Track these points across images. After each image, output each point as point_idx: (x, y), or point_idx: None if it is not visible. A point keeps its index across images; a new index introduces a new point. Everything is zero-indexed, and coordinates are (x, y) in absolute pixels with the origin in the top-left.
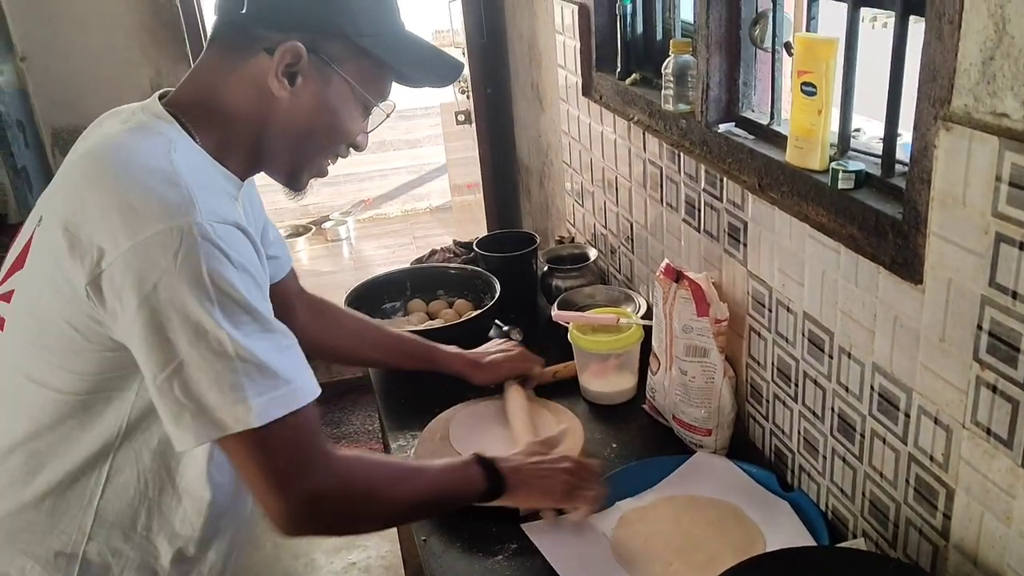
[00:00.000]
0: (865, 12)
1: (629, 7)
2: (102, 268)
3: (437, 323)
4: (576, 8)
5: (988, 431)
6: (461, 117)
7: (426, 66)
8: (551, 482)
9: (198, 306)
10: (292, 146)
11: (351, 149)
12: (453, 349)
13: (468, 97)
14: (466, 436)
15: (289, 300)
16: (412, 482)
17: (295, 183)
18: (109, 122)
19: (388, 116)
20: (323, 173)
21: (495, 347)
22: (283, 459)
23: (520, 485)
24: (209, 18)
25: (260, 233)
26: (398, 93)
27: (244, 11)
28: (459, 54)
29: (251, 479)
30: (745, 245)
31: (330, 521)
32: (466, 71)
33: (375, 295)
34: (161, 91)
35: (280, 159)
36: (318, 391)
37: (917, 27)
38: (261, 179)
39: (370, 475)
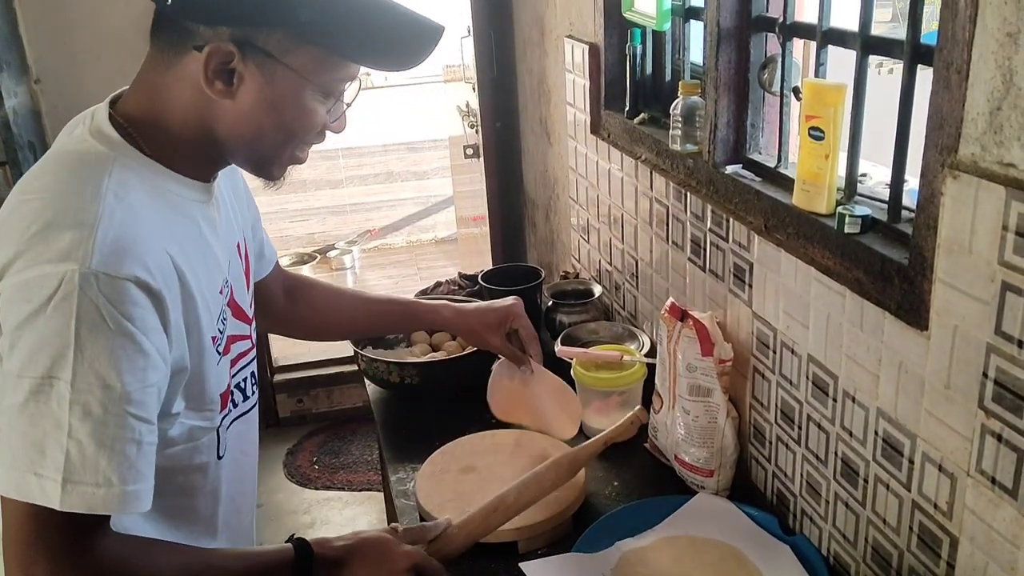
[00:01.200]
0: (872, 59)
1: (639, 48)
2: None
3: (440, 355)
4: (587, 47)
5: (993, 480)
6: (469, 151)
7: (385, 47)
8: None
9: (54, 360)
10: (246, 147)
11: (326, 133)
12: (432, 303)
13: (477, 131)
14: (467, 471)
15: (269, 293)
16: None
17: (266, 175)
18: (62, 138)
19: (360, 91)
20: (299, 161)
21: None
22: (50, 544)
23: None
24: None
25: (253, 224)
26: (410, 126)
27: (169, 2)
28: (469, 89)
29: (8, 542)
30: (750, 286)
31: None
32: (475, 105)
33: None
34: (113, 95)
35: (239, 157)
36: (147, 506)
37: (925, 74)
38: (270, 201)
39: (140, 565)
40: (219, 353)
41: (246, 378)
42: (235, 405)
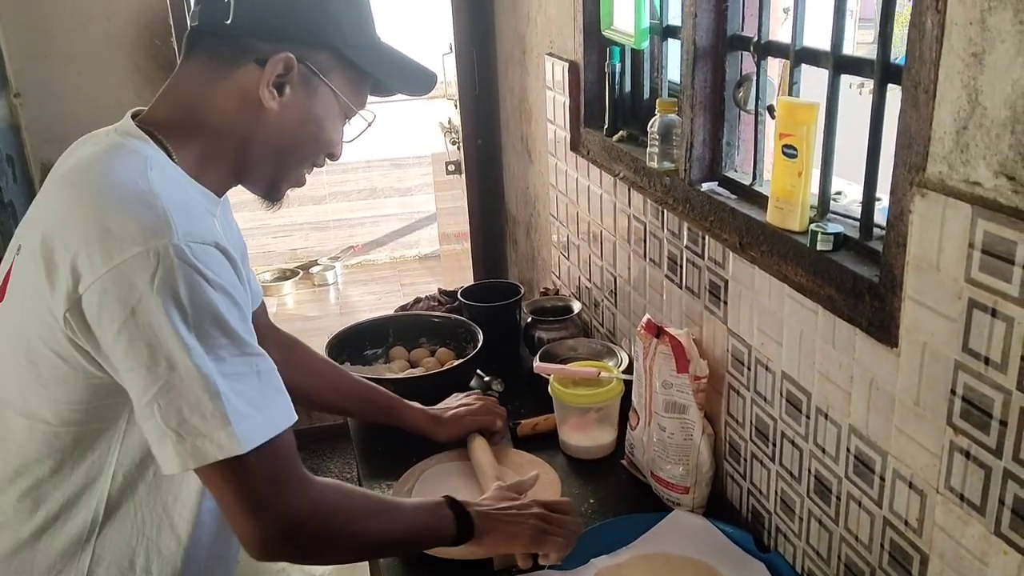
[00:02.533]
0: (853, 79)
1: (618, 66)
2: (80, 293)
3: (418, 371)
4: (566, 65)
5: (961, 497)
6: (451, 167)
7: (406, 75)
8: (519, 527)
9: (176, 330)
10: (276, 157)
11: (327, 158)
12: (416, 405)
13: (459, 148)
14: (439, 489)
15: (258, 332)
16: (386, 518)
17: (274, 194)
18: (84, 146)
19: (370, 125)
20: (301, 183)
21: (455, 402)
22: (261, 485)
23: (488, 531)
24: None
25: (241, 256)
26: (394, 142)
27: (230, 21)
28: (451, 106)
29: (227, 503)
30: (725, 303)
31: (303, 549)
32: (457, 122)
33: (357, 341)
34: (134, 110)
35: (262, 170)
36: (295, 417)
37: (896, 94)
38: (252, 220)
39: (346, 507)
40: None
41: None
42: None
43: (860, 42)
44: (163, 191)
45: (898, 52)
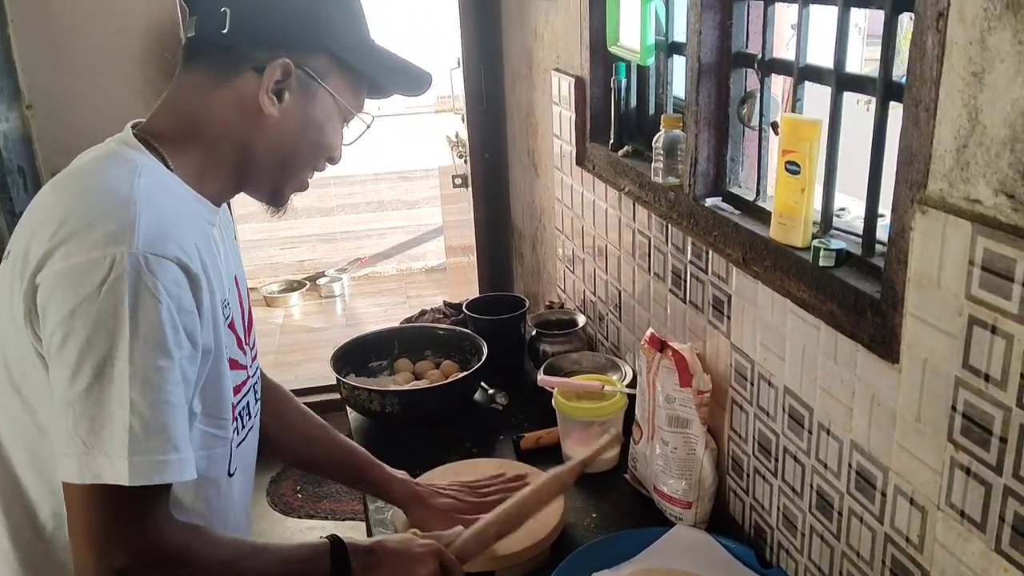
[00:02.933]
0: (860, 96)
1: (624, 82)
2: (36, 284)
3: (423, 383)
4: (573, 81)
5: (962, 513)
6: (458, 180)
7: (401, 76)
8: (409, 568)
9: (113, 339)
10: (278, 163)
11: (327, 162)
12: (401, 474)
13: (466, 161)
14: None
15: None
16: (250, 561)
17: (278, 200)
18: (81, 156)
19: (369, 127)
20: (304, 187)
21: (449, 487)
22: (121, 521)
23: (370, 569)
24: None
25: (234, 273)
26: (402, 155)
27: (226, 31)
28: (459, 120)
29: (81, 527)
30: (729, 318)
31: None
32: (464, 136)
33: (362, 353)
34: (134, 121)
35: (264, 177)
36: (193, 475)
37: (899, 112)
38: (260, 228)
39: (194, 554)
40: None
41: (248, 404)
42: (242, 424)
43: (868, 58)
44: (147, 198)
45: (902, 70)
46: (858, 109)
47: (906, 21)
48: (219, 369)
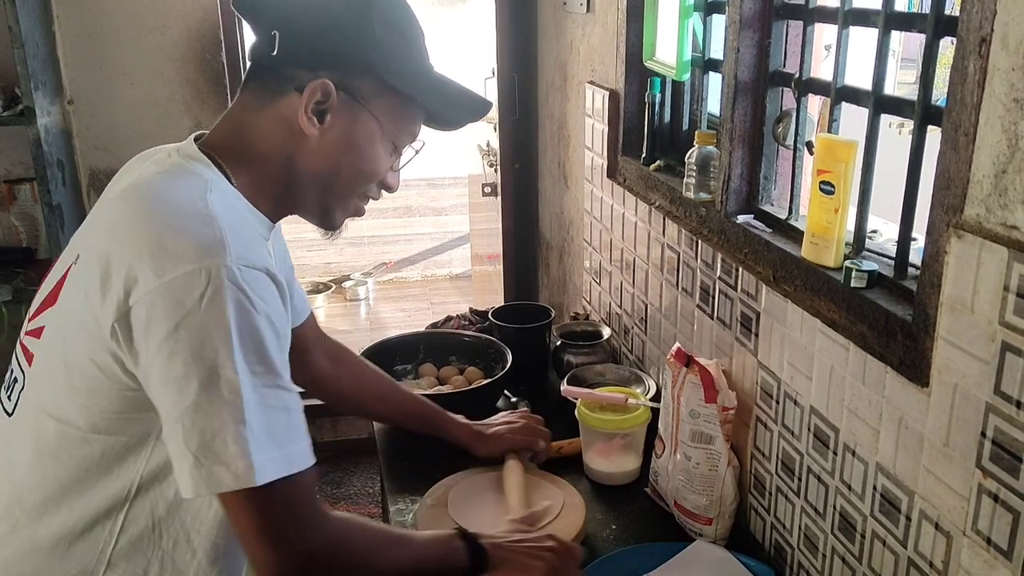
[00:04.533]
0: (893, 119)
1: (658, 96)
2: (129, 305)
3: (446, 388)
4: (607, 94)
5: (988, 540)
6: (487, 189)
7: (453, 103)
8: (534, 562)
9: (217, 350)
10: (321, 185)
11: (382, 190)
12: (460, 418)
13: (496, 170)
14: (466, 506)
15: (306, 345)
16: (399, 551)
17: (328, 222)
18: (143, 165)
19: (417, 153)
20: (359, 212)
21: (501, 419)
22: (278, 518)
23: (502, 563)
24: None
25: (288, 278)
26: (431, 161)
27: (275, 53)
28: (491, 129)
29: (243, 532)
30: (756, 335)
31: None
32: (496, 145)
33: (388, 356)
34: (196, 133)
35: (310, 198)
36: (313, 460)
37: (936, 136)
38: (290, 232)
39: (360, 540)
40: None
41: None
42: None
43: (901, 82)
44: (220, 213)
45: (939, 94)
46: (890, 132)
47: (945, 44)
48: None
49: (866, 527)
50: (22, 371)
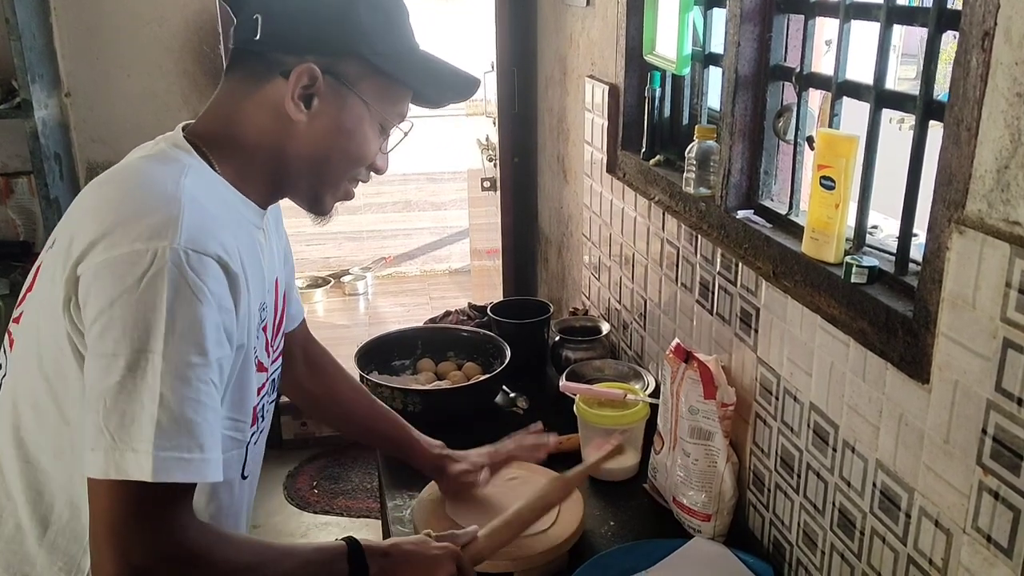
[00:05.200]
0: (893, 114)
1: (658, 91)
2: (77, 275)
3: (445, 384)
4: (607, 88)
5: (988, 538)
6: (487, 184)
7: (441, 83)
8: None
9: (149, 333)
10: (310, 170)
11: (371, 172)
12: (434, 447)
13: (495, 165)
14: (463, 501)
15: (291, 351)
16: (272, 567)
17: (318, 207)
18: (131, 154)
19: (406, 135)
20: (349, 196)
21: (476, 458)
22: (141, 518)
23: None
24: None
25: (286, 283)
26: (430, 156)
27: (258, 37)
28: (490, 123)
29: (102, 522)
30: (756, 331)
31: None
32: (495, 139)
33: (386, 351)
34: (184, 123)
35: (300, 184)
36: (220, 477)
37: (937, 131)
38: (291, 226)
39: (212, 556)
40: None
41: (264, 405)
42: (258, 427)
43: (902, 78)
44: (191, 197)
45: (940, 89)
46: (889, 127)
47: (947, 39)
48: (247, 371)
49: (865, 524)
50: (5, 356)
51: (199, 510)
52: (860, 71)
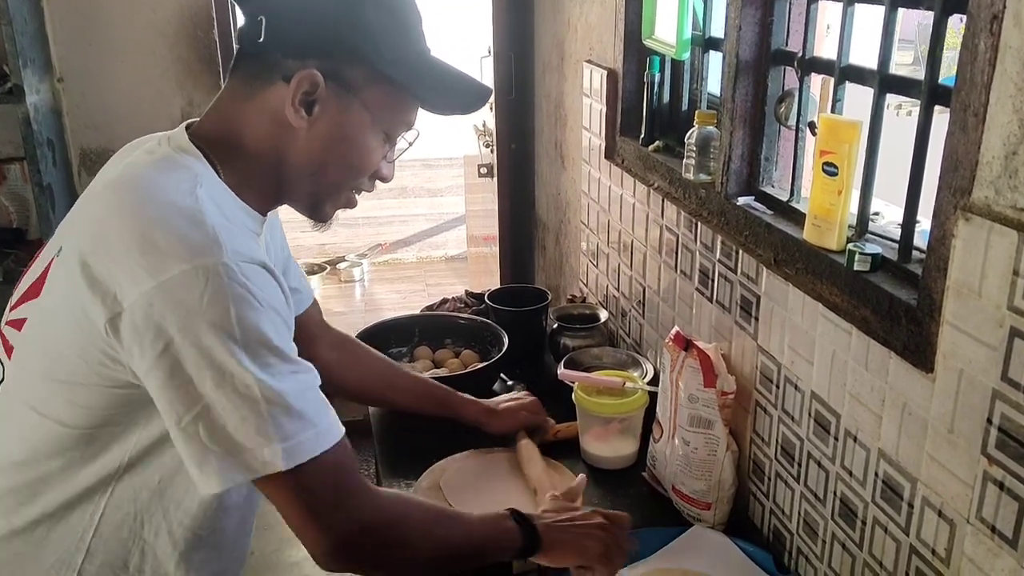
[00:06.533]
0: (891, 99)
1: (657, 76)
2: (123, 307)
3: (442, 372)
4: (605, 73)
5: (993, 529)
6: (483, 170)
7: (450, 92)
8: (587, 541)
9: (224, 348)
10: (310, 177)
11: (375, 181)
12: (470, 398)
13: (492, 151)
14: (460, 488)
15: (311, 332)
16: (451, 527)
17: (318, 215)
18: (133, 153)
19: (411, 145)
20: (351, 204)
21: (508, 397)
22: (321, 496)
23: (555, 544)
24: None
25: (283, 267)
26: (426, 142)
27: (262, 40)
28: (487, 109)
29: (289, 515)
30: (757, 319)
31: (370, 555)
32: (492, 125)
33: (383, 338)
34: (187, 121)
35: (299, 192)
36: (342, 431)
37: (941, 117)
38: (285, 212)
39: (409, 514)
40: None
41: None
42: None
43: (899, 63)
44: (211, 208)
45: (940, 73)
46: (888, 113)
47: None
48: None
49: (867, 514)
50: (1, 363)
51: (239, 498)
52: (859, 56)
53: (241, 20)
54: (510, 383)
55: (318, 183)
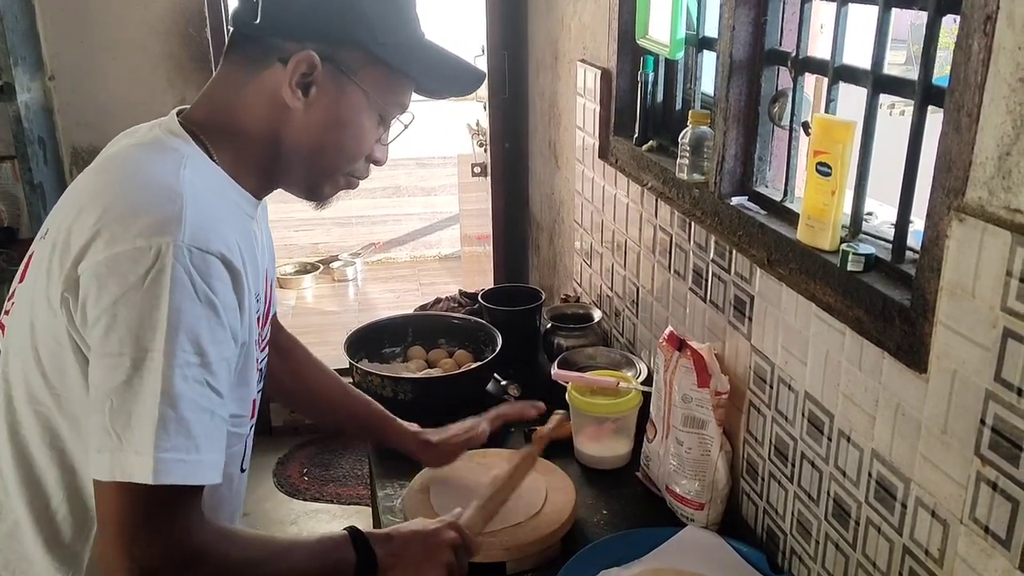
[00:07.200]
0: (884, 99)
1: (651, 75)
2: (78, 273)
3: (436, 372)
4: (599, 73)
5: (986, 529)
6: (477, 169)
7: (445, 75)
8: (425, 564)
9: (153, 333)
10: (306, 159)
11: (371, 164)
12: (407, 427)
13: (485, 150)
14: (448, 492)
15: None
16: (270, 566)
17: (314, 196)
18: (124, 140)
19: (407, 127)
20: (350, 186)
21: (457, 428)
22: (147, 520)
23: (394, 565)
24: None
25: (257, 267)
26: (420, 141)
27: (258, 21)
28: (480, 108)
29: (107, 523)
30: (750, 319)
31: None
32: (485, 124)
33: (376, 338)
34: (179, 108)
35: (295, 173)
36: (218, 479)
37: (934, 117)
38: (276, 212)
39: (230, 553)
40: (255, 359)
41: (257, 397)
42: (255, 415)
43: (891, 63)
44: (192, 191)
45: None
46: (880, 113)
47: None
48: (248, 366)
49: (860, 514)
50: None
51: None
52: (853, 56)
53: (235, 4)
54: (504, 383)
55: (313, 165)
